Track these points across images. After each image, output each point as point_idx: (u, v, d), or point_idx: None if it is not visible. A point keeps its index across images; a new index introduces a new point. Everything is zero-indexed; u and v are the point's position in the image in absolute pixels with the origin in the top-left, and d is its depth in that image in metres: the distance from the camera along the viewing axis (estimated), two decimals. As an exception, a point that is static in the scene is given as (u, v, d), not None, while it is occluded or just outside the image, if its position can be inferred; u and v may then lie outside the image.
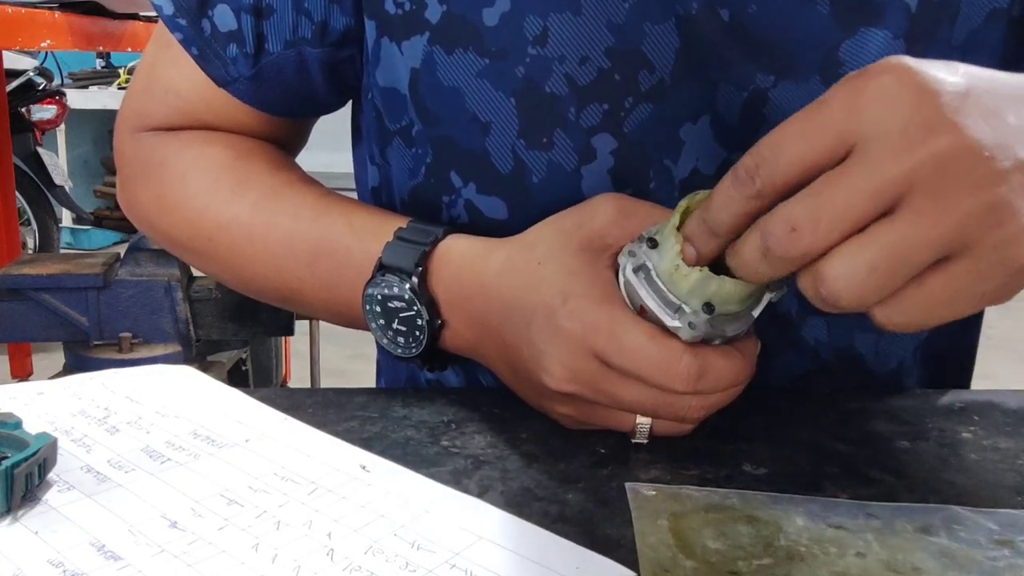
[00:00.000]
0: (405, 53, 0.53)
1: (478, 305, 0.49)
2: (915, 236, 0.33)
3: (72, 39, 1.69)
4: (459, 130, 0.53)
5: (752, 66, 0.50)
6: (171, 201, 0.61)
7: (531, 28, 0.50)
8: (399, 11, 0.52)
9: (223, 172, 0.59)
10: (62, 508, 0.38)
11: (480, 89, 0.52)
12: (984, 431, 0.49)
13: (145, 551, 0.35)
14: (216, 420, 0.46)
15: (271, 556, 0.35)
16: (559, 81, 0.51)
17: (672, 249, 0.40)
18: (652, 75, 0.50)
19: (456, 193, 0.55)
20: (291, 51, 0.56)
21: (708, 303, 0.40)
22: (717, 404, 0.44)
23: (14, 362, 2.66)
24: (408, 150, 0.56)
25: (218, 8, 0.56)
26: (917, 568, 0.36)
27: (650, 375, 0.41)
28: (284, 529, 0.37)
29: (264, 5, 0.55)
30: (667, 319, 0.41)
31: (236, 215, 0.58)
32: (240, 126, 0.61)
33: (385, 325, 0.51)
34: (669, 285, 0.41)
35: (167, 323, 1.50)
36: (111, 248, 4.22)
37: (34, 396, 0.49)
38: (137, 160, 0.63)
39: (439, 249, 0.50)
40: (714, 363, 0.42)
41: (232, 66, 0.57)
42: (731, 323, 0.42)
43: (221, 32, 0.56)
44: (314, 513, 0.38)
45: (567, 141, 0.52)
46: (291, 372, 2.22)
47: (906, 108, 0.34)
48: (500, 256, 0.48)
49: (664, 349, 0.41)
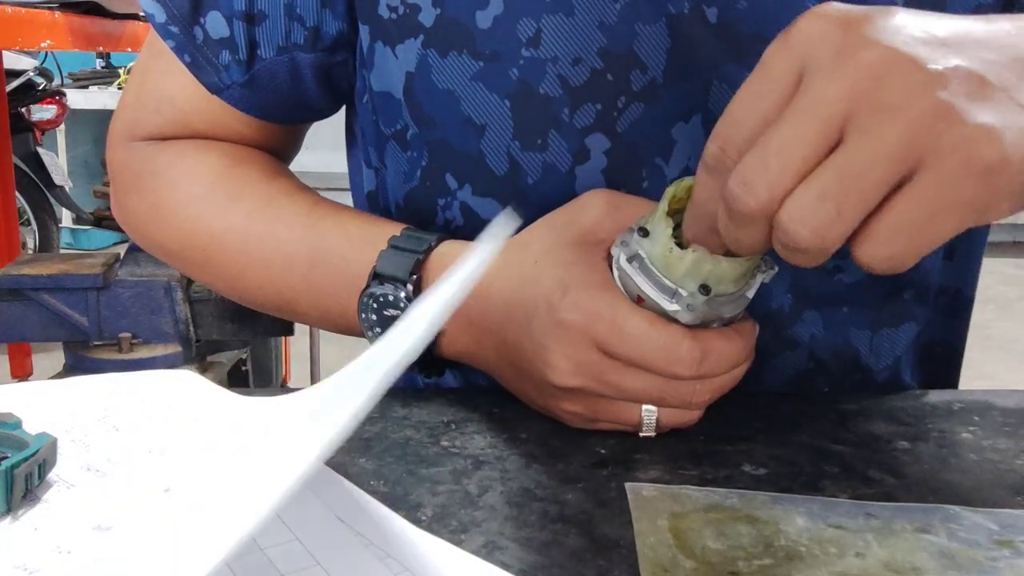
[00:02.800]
0: (399, 57, 0.53)
1: (475, 309, 0.49)
2: (863, 154, 0.32)
3: (72, 39, 1.69)
4: (454, 133, 0.53)
5: (741, 63, 0.50)
6: (164, 210, 0.61)
7: (524, 30, 0.50)
8: (392, 15, 0.52)
9: (217, 181, 0.59)
10: (62, 505, 0.38)
11: (474, 92, 0.52)
12: (983, 431, 0.49)
13: (143, 522, 0.35)
14: (217, 424, 0.46)
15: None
16: (553, 82, 0.51)
17: (664, 234, 0.41)
18: (644, 75, 0.50)
19: (452, 195, 0.55)
20: (284, 57, 0.56)
21: (704, 284, 0.41)
22: (722, 387, 0.45)
23: (14, 362, 2.66)
24: (403, 154, 0.57)
25: (210, 15, 0.55)
26: (916, 568, 0.36)
27: (653, 361, 0.42)
28: None
29: (256, 11, 0.55)
30: (665, 304, 0.42)
31: (231, 224, 0.57)
32: (234, 134, 0.61)
33: (381, 333, 0.51)
34: (664, 270, 0.41)
35: (167, 323, 1.50)
36: (111, 248, 4.22)
37: (34, 396, 0.49)
38: (130, 170, 0.63)
39: (433, 256, 0.51)
40: (715, 345, 0.42)
41: (225, 73, 0.57)
42: (728, 304, 0.42)
43: (213, 39, 0.56)
44: None
45: (561, 142, 0.52)
46: (291, 372, 2.23)
47: (836, 35, 0.34)
48: (497, 259, 0.48)
49: (665, 334, 0.42)
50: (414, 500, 0.40)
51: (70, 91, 3.99)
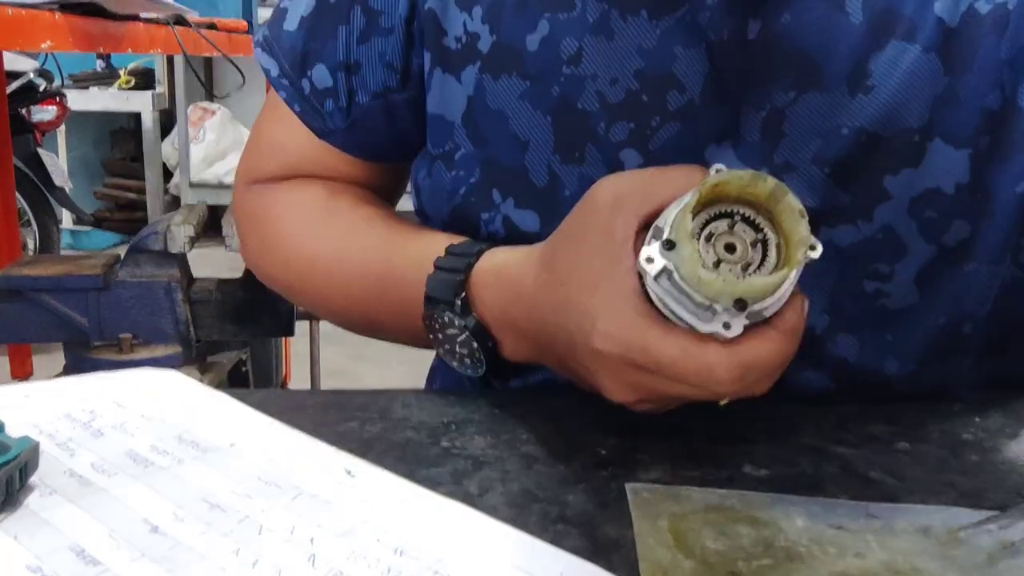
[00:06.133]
0: (464, 83, 0.56)
1: (523, 324, 0.50)
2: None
3: (72, 40, 1.69)
4: (502, 149, 0.55)
5: (775, 83, 0.49)
6: (271, 242, 0.66)
7: (567, 49, 0.52)
8: (458, 45, 0.55)
9: (313, 210, 0.64)
10: (43, 513, 0.37)
11: (521, 110, 0.54)
12: (985, 433, 0.49)
13: (125, 555, 0.35)
14: (201, 424, 0.46)
15: (252, 561, 0.35)
16: (591, 97, 0.52)
17: (691, 255, 0.39)
18: (682, 95, 0.51)
19: (496, 209, 0.56)
20: (379, 101, 0.61)
21: (739, 299, 0.39)
22: (776, 375, 0.43)
23: (14, 363, 2.66)
24: (448, 173, 0.59)
25: (316, 68, 0.61)
26: (917, 569, 0.36)
27: (695, 384, 0.41)
28: (266, 534, 0.37)
29: (352, 62, 0.60)
30: (700, 325, 0.40)
31: (322, 250, 0.62)
32: (339, 174, 0.65)
33: (450, 350, 0.53)
34: (695, 287, 0.39)
35: (167, 324, 1.50)
36: (111, 249, 4.21)
37: (20, 399, 0.48)
38: (246, 211, 0.68)
39: (475, 274, 0.52)
40: (754, 356, 0.40)
41: (329, 119, 0.62)
42: (769, 307, 0.40)
43: (319, 89, 0.61)
44: (297, 518, 0.38)
45: (597, 155, 0.53)
46: (291, 373, 2.22)
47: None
48: (531, 274, 0.49)
49: (699, 360, 0.40)
50: (414, 501, 0.40)
51: (70, 92, 3.98)
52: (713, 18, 0.49)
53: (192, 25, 2.08)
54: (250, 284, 1.48)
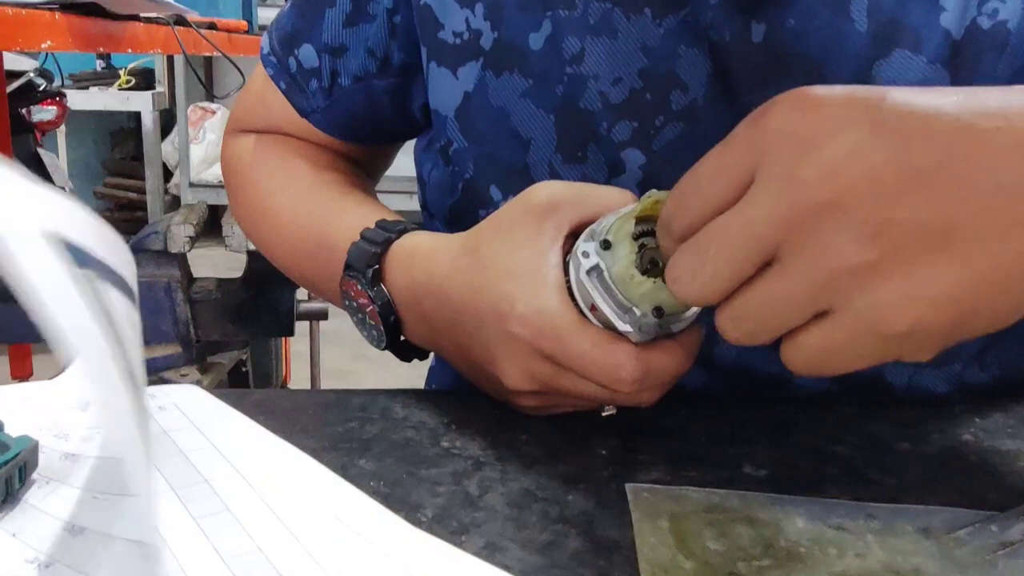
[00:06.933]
0: (460, 78, 0.56)
1: (429, 305, 0.50)
2: (780, 289, 0.34)
3: (72, 40, 1.69)
4: (503, 147, 0.56)
5: (780, 86, 0.49)
6: (240, 189, 0.69)
7: (569, 48, 0.52)
8: (457, 40, 0.56)
9: (279, 167, 0.66)
10: (40, 504, 0.37)
11: (523, 108, 0.55)
12: (985, 433, 0.49)
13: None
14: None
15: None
16: (593, 97, 0.52)
17: (627, 257, 0.41)
18: (685, 95, 0.51)
19: (494, 206, 0.57)
20: (360, 85, 0.63)
21: (658, 307, 0.41)
22: (666, 389, 0.45)
23: (14, 363, 2.66)
24: (446, 168, 0.60)
25: (303, 48, 0.63)
26: (917, 569, 0.36)
27: (598, 378, 0.42)
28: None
29: (338, 44, 0.62)
30: (618, 323, 0.42)
31: (277, 205, 0.64)
32: (319, 141, 0.68)
33: (360, 320, 0.54)
34: (622, 289, 0.42)
35: (167, 324, 1.49)
36: (111, 249, 4.20)
37: (20, 399, 0.48)
38: (228, 156, 0.72)
39: (393, 249, 0.52)
40: (657, 363, 0.42)
41: (312, 99, 0.65)
42: (678, 323, 0.43)
43: (305, 68, 0.64)
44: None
45: (599, 155, 0.53)
46: (291, 373, 2.22)
47: (795, 148, 0.33)
48: (448, 257, 0.49)
49: (609, 356, 0.42)
50: (414, 501, 0.40)
51: (70, 92, 3.98)
52: (716, 18, 0.49)
53: (192, 25, 2.08)
54: (250, 284, 1.48)
